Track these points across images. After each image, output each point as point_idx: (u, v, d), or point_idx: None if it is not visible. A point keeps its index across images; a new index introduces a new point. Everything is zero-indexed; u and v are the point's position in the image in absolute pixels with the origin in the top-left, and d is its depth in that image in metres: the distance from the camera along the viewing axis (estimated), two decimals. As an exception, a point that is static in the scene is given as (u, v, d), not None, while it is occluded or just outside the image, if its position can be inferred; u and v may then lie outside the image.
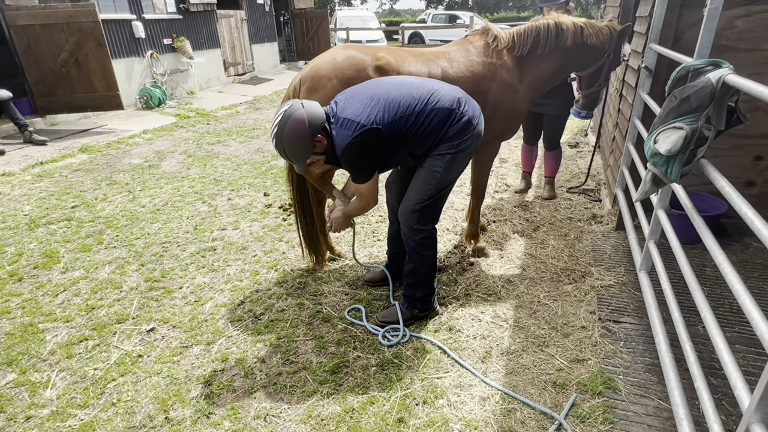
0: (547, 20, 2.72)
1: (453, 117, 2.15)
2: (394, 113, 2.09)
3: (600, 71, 2.99)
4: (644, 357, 2.21)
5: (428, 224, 2.37)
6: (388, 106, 2.09)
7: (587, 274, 2.92)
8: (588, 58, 2.87)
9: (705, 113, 1.57)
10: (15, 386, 2.16)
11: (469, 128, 2.18)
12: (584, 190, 4.29)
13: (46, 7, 6.64)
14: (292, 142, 2.06)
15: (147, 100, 8.66)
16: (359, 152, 2.09)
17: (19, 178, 5.04)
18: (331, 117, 2.14)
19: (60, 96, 6.97)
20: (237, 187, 4.68)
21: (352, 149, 2.06)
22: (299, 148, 2.08)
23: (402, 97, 2.12)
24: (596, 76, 3.04)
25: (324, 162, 2.22)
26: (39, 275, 3.10)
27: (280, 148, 2.11)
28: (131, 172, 5.20)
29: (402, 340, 2.38)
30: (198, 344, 2.42)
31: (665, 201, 2.22)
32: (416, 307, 2.51)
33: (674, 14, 2.89)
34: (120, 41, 8.42)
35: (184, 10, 10.07)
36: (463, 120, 2.16)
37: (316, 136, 2.08)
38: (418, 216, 2.33)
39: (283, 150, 2.11)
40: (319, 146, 2.12)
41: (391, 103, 2.10)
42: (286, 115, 2.04)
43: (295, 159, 2.13)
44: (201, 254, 3.33)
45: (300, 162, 2.15)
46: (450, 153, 2.19)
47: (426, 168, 2.26)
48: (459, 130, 2.16)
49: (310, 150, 2.09)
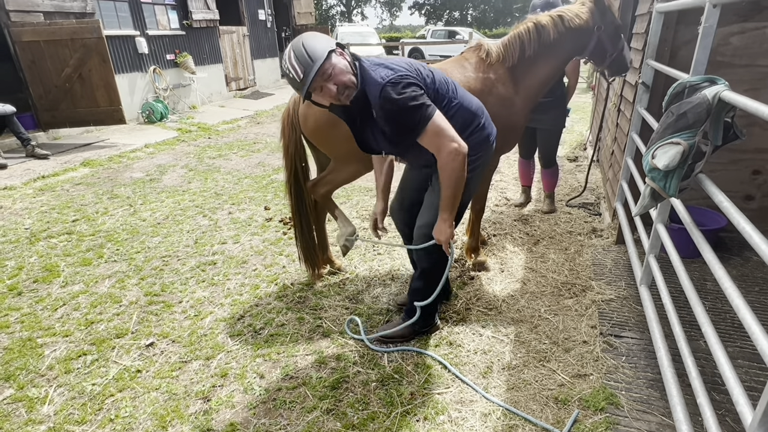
0: (525, 23, 2.72)
1: (476, 123, 2.09)
2: (431, 81, 1.92)
3: (602, 45, 2.79)
4: (646, 372, 2.19)
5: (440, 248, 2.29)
6: (427, 75, 1.94)
7: (588, 288, 2.91)
8: (580, 40, 2.74)
9: (702, 129, 1.59)
10: (12, 402, 2.14)
11: (486, 144, 2.13)
12: (584, 204, 4.30)
13: (51, 24, 6.74)
14: (313, 38, 1.76)
15: (149, 114, 8.74)
16: (405, 86, 1.75)
17: (21, 191, 5.06)
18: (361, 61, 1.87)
19: (63, 110, 7.04)
20: (238, 200, 4.69)
21: (395, 85, 1.74)
22: (319, 47, 1.73)
23: (438, 78, 1.99)
24: (602, 50, 2.82)
25: (338, 101, 1.84)
26: (39, 289, 3.09)
27: (292, 56, 1.73)
28: (132, 186, 5.22)
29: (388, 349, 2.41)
30: (197, 359, 2.40)
31: (664, 215, 2.23)
32: (417, 323, 2.48)
33: (670, 31, 2.94)
34: (123, 56, 8.53)
35: (187, 27, 10.22)
36: (483, 133, 2.10)
37: (340, 48, 1.81)
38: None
39: (301, 51, 1.72)
40: (340, 63, 1.78)
41: (429, 75, 1.95)
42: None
43: (306, 66, 1.72)
44: (201, 268, 3.33)
45: (309, 74, 1.71)
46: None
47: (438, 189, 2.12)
48: (477, 143, 2.09)
49: (328, 59, 1.74)
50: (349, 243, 2.81)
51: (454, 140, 1.81)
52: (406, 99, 1.74)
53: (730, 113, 1.61)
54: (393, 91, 1.74)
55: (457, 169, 1.86)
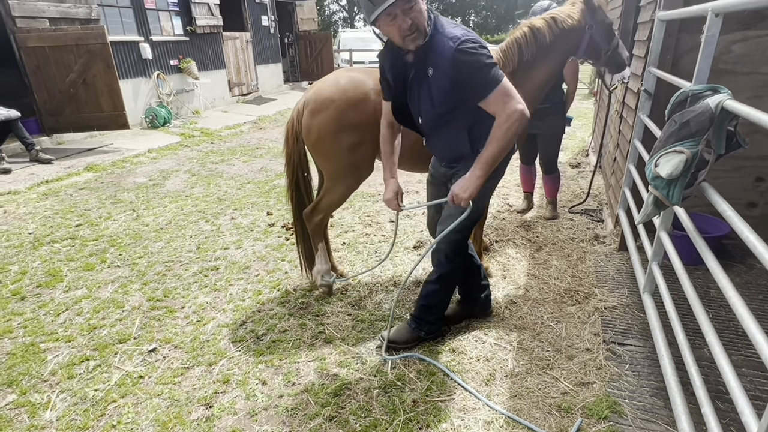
0: (521, 28, 2.73)
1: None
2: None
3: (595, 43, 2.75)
4: (650, 380, 2.18)
5: (463, 255, 2.32)
6: None
7: (591, 295, 2.90)
8: (573, 40, 2.71)
9: (705, 137, 1.59)
10: (15, 407, 2.14)
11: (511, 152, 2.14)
12: (586, 210, 4.30)
13: (56, 30, 6.80)
14: None
15: (152, 119, 8.78)
16: (482, 46, 1.77)
17: (25, 196, 5.09)
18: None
19: (67, 115, 7.08)
20: (240, 206, 4.70)
21: (474, 42, 1.76)
22: None
23: None
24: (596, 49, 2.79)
25: (401, 41, 1.80)
26: (42, 294, 3.10)
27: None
28: (135, 191, 5.24)
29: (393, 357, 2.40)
30: (199, 365, 2.40)
31: (667, 223, 2.23)
32: (423, 329, 2.46)
33: (672, 39, 2.95)
34: (127, 62, 8.59)
35: (191, 32, 10.28)
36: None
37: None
38: (455, 245, 2.27)
39: None
40: (423, 6, 1.79)
41: None
42: None
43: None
44: (204, 273, 3.34)
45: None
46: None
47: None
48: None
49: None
50: (325, 282, 2.91)
51: (522, 103, 1.78)
52: (484, 56, 1.76)
53: (733, 122, 1.62)
54: (472, 46, 1.74)
55: (513, 130, 1.79)
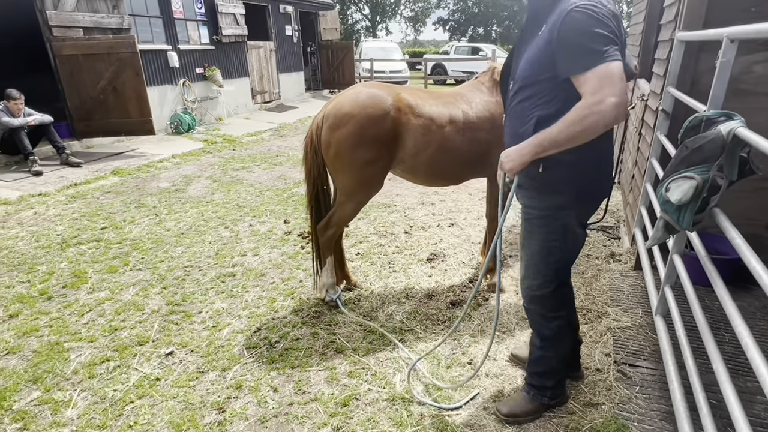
0: None
1: None
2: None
3: None
4: (660, 404, 2.16)
5: (564, 308, 1.98)
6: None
7: (603, 314, 2.89)
8: None
9: (717, 163, 1.60)
10: (39, 404, 2.24)
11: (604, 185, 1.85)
12: (603, 227, 4.26)
13: (90, 39, 7.09)
14: None
15: (177, 125, 9.03)
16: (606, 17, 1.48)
17: (54, 198, 5.29)
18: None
19: (97, 121, 7.35)
20: (258, 213, 4.81)
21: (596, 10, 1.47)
22: None
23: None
24: None
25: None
26: (67, 294, 3.23)
27: None
28: (159, 196, 5.40)
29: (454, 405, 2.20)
30: (214, 370, 2.47)
31: (680, 245, 2.21)
32: (546, 396, 2.10)
33: (692, 59, 2.93)
34: (155, 70, 8.87)
35: (216, 41, 10.57)
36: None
37: None
38: (554, 300, 1.94)
39: None
40: None
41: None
42: None
43: None
44: (221, 279, 3.43)
45: None
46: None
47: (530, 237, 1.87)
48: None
49: None
50: (329, 298, 2.99)
51: (620, 98, 1.42)
52: (603, 24, 1.45)
53: (746, 148, 1.62)
54: (593, 9, 1.45)
55: (591, 121, 1.46)
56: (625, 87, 1.44)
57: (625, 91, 1.43)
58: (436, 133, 2.64)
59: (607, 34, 1.44)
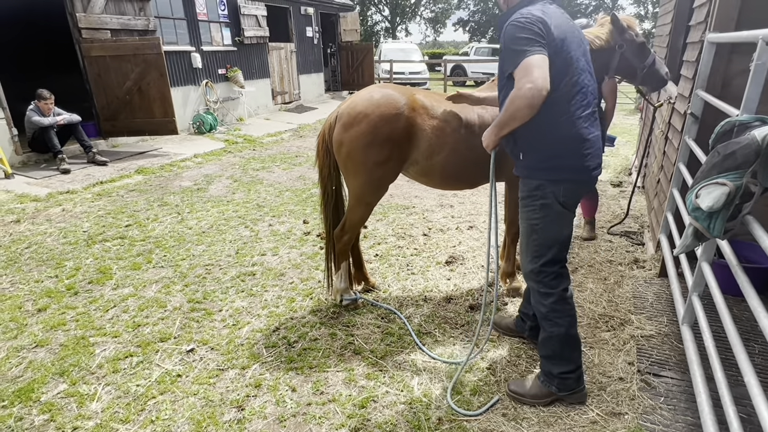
0: None
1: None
2: (559, 43, 1.98)
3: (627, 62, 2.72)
4: (686, 416, 2.10)
5: (558, 286, 2.12)
6: (559, 38, 1.99)
7: (627, 322, 2.83)
8: (602, 60, 2.66)
9: (750, 169, 1.55)
10: (65, 396, 2.30)
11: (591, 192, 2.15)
12: (626, 232, 4.18)
13: (117, 41, 7.27)
14: None
15: (199, 125, 9.18)
16: (528, 22, 1.89)
17: (81, 195, 5.44)
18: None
19: (122, 120, 7.53)
20: (278, 213, 4.85)
21: (527, 15, 1.89)
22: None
23: (575, 53, 2.02)
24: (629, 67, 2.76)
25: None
26: (93, 290, 3.31)
27: None
28: (181, 194, 5.50)
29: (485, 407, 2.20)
30: (234, 368, 2.50)
31: (710, 253, 2.15)
32: (553, 384, 2.18)
33: (723, 61, 2.85)
34: (179, 71, 9.04)
35: (239, 43, 10.71)
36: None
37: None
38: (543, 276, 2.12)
39: None
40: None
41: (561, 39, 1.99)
42: None
43: None
44: (241, 278, 3.47)
45: None
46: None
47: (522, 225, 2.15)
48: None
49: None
50: (345, 302, 3.00)
51: (534, 83, 1.76)
52: (526, 30, 1.84)
53: (782, 154, 1.56)
54: (520, 21, 1.86)
55: (516, 105, 1.83)
56: (540, 73, 1.77)
57: (541, 77, 1.76)
58: (450, 135, 2.62)
59: (529, 37, 1.82)
